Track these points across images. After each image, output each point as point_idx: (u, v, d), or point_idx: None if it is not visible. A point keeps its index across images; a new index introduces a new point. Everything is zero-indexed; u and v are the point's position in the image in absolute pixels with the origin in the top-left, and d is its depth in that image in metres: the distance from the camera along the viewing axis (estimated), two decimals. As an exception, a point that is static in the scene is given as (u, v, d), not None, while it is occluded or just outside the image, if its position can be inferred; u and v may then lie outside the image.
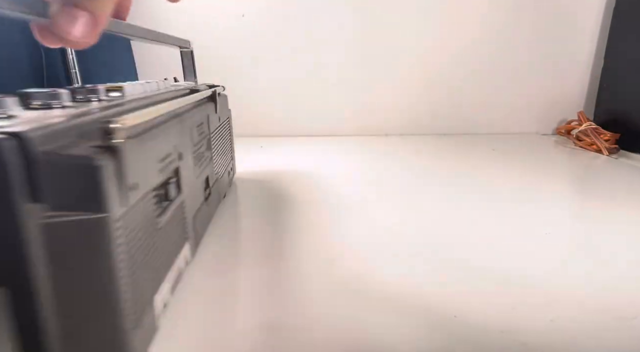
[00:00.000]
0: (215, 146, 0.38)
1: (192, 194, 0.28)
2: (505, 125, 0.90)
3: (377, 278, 0.29)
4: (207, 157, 0.34)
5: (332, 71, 0.86)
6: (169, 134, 0.23)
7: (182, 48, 0.40)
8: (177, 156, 0.24)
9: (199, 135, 0.31)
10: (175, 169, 0.24)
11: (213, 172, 0.37)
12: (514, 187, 0.50)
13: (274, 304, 0.25)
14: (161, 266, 0.22)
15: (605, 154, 0.69)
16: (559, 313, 0.25)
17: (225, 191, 0.44)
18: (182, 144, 0.25)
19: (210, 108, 0.37)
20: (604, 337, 0.23)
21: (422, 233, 0.36)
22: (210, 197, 0.35)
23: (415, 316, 0.25)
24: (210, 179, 0.35)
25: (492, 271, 0.30)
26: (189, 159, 0.27)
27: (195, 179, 0.29)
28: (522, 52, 0.85)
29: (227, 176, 0.45)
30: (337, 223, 0.38)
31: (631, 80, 0.74)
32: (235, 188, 0.48)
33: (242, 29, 0.82)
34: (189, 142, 0.28)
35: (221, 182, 0.41)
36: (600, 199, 0.46)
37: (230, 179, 0.47)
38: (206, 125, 0.34)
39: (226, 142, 0.44)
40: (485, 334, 0.23)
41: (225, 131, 0.44)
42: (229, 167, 0.46)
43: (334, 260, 0.31)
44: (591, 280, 0.29)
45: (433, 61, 0.86)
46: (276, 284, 0.28)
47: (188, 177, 0.26)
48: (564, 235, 0.37)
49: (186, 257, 0.27)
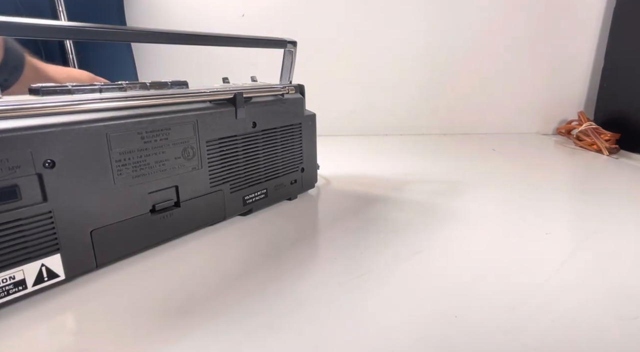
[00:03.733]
0: (234, 153, 0.37)
1: (78, 203, 0.27)
2: (505, 125, 0.90)
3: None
4: (174, 166, 0.33)
5: (332, 71, 0.86)
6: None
7: (286, 48, 0.43)
8: (32, 164, 0.24)
9: (145, 144, 0.30)
10: (36, 175, 0.25)
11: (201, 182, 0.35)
12: (514, 187, 0.50)
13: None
14: None
15: (605, 154, 0.69)
16: (559, 313, 0.25)
17: (287, 197, 0.45)
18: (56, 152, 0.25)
19: (220, 113, 0.36)
20: (604, 337, 0.23)
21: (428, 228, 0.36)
22: (171, 210, 0.33)
23: (415, 315, 0.25)
24: (181, 188, 0.33)
25: (492, 271, 0.30)
26: (79, 169, 0.27)
27: (116, 188, 0.29)
28: (523, 52, 0.85)
29: (290, 184, 0.44)
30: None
31: (631, 80, 0.74)
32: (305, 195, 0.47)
33: (242, 29, 0.82)
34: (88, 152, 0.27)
35: (279, 188, 0.43)
36: (601, 199, 0.46)
37: (300, 186, 0.46)
38: (189, 132, 0.33)
39: (285, 148, 0.43)
40: (485, 334, 0.23)
41: (284, 136, 0.42)
42: (293, 172, 0.44)
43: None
44: (591, 280, 0.29)
45: (433, 61, 0.86)
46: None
47: (69, 187, 0.26)
48: (564, 235, 0.37)
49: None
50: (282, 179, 0.43)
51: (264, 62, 0.81)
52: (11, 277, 0.24)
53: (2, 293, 0.24)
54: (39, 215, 0.25)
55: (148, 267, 0.31)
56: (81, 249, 0.28)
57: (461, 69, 0.86)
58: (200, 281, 0.29)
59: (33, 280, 0.25)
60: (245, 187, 0.39)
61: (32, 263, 0.25)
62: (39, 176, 0.25)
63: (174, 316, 0.24)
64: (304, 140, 0.45)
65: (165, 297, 0.27)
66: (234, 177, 0.38)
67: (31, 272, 0.25)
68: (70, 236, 0.27)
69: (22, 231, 0.25)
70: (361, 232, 0.37)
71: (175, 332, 0.23)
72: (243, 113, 0.37)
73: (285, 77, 0.44)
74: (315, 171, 0.48)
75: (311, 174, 0.47)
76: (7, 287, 0.24)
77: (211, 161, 0.36)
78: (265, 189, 0.41)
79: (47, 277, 0.26)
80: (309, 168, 0.46)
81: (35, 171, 0.25)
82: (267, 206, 0.43)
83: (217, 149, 0.36)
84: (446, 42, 0.85)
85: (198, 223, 0.36)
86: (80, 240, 0.27)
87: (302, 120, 0.44)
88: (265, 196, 0.42)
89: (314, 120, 0.46)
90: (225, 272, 0.30)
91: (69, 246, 0.27)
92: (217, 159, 0.36)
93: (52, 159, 0.25)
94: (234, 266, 0.31)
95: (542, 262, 0.31)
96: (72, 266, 0.27)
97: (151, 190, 0.31)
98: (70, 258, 0.27)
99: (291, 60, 0.44)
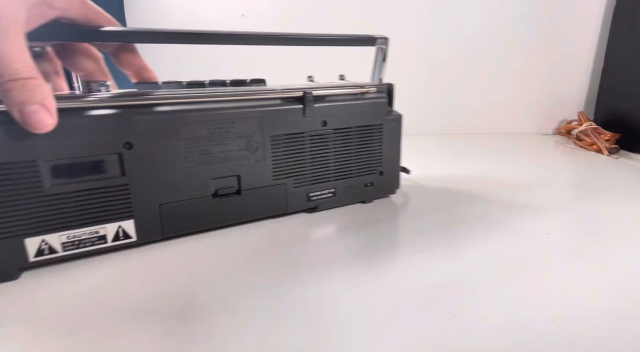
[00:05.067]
0: (300, 149, 0.38)
1: (151, 181, 0.32)
2: (505, 126, 0.90)
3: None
4: (237, 156, 0.35)
5: (332, 71, 0.86)
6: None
7: (378, 46, 0.42)
8: (116, 144, 0.30)
9: (210, 134, 0.34)
10: (117, 154, 0.30)
11: (262, 173, 0.37)
12: (514, 187, 0.50)
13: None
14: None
15: (605, 154, 0.69)
16: (559, 313, 0.25)
17: (360, 199, 0.43)
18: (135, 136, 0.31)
19: (287, 111, 0.37)
20: (604, 337, 0.23)
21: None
22: (231, 197, 0.36)
23: (415, 315, 0.25)
24: (243, 178, 0.36)
25: (492, 271, 0.30)
26: (153, 151, 0.32)
27: (179, 172, 0.33)
28: (523, 52, 0.85)
29: (364, 186, 0.42)
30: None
31: (631, 80, 0.74)
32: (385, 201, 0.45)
33: (242, 29, 0.82)
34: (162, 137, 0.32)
35: (348, 189, 0.41)
36: (601, 199, 0.46)
37: (377, 189, 0.43)
38: (254, 127, 0.35)
39: (361, 149, 0.41)
40: (485, 334, 0.23)
41: (360, 137, 0.41)
42: (368, 175, 0.43)
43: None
44: (591, 280, 0.29)
45: (433, 61, 0.86)
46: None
47: (144, 165, 0.32)
48: (564, 235, 0.37)
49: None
50: (354, 180, 0.42)
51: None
52: (96, 232, 0.31)
53: (88, 243, 0.31)
54: (118, 186, 0.31)
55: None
56: (150, 218, 0.33)
57: (461, 69, 0.86)
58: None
59: (112, 237, 0.32)
60: (310, 184, 0.39)
61: (111, 224, 0.31)
62: (119, 154, 0.30)
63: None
64: (384, 142, 0.42)
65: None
66: (298, 173, 0.38)
67: (111, 230, 0.32)
68: (142, 206, 0.32)
69: (106, 197, 0.31)
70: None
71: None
72: (312, 111, 0.37)
73: (376, 76, 0.43)
74: (397, 176, 0.45)
75: (392, 178, 0.44)
76: (93, 239, 0.31)
77: (275, 155, 0.37)
78: (333, 188, 0.41)
79: (122, 236, 0.32)
80: (389, 172, 0.44)
81: (116, 151, 0.30)
82: (336, 206, 0.42)
83: (282, 144, 0.37)
84: (446, 42, 0.84)
85: (258, 212, 0.38)
86: (150, 211, 0.33)
87: (383, 122, 0.42)
88: (334, 196, 0.41)
89: (398, 122, 0.43)
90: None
91: (140, 215, 0.32)
92: (281, 154, 0.37)
93: (130, 141, 0.30)
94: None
95: (542, 262, 0.31)
96: (142, 231, 0.33)
97: (214, 176, 0.35)
98: (141, 225, 0.33)
99: (382, 58, 0.42)
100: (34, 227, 0.29)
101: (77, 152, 0.29)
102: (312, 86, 0.39)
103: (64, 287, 0.28)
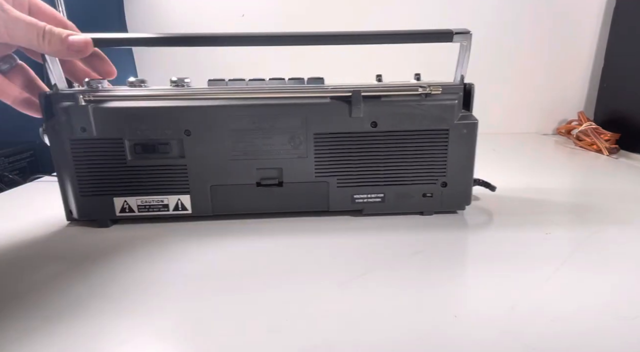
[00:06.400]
0: (345, 149, 0.38)
1: (213, 164, 0.38)
2: (505, 125, 0.90)
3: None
4: (280, 150, 0.38)
5: (332, 71, 0.86)
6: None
7: (455, 41, 0.38)
8: (178, 131, 0.36)
9: (256, 127, 0.37)
10: (178, 139, 0.37)
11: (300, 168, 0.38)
12: (513, 187, 0.50)
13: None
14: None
15: (605, 154, 0.69)
16: (559, 313, 0.25)
17: (416, 210, 0.40)
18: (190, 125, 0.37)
19: (332, 110, 0.37)
20: (604, 337, 0.23)
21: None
22: (273, 188, 0.39)
23: (414, 315, 0.25)
24: (285, 171, 0.38)
25: (492, 271, 0.30)
26: (210, 139, 0.37)
27: (229, 160, 0.38)
28: (523, 52, 0.85)
29: (422, 196, 0.39)
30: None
31: (631, 80, 0.74)
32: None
33: (242, 29, 0.82)
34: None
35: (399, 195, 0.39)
36: (601, 199, 0.46)
37: (437, 201, 0.40)
38: (297, 123, 0.37)
39: (418, 156, 0.38)
40: (485, 334, 0.23)
41: (418, 142, 0.38)
42: (427, 184, 0.39)
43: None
44: (591, 280, 0.29)
45: (433, 61, 0.86)
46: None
47: (203, 149, 0.37)
48: (564, 235, 0.37)
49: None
50: (408, 188, 0.39)
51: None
52: (161, 201, 0.38)
53: (155, 209, 0.38)
54: (178, 165, 0.38)
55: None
56: (203, 196, 0.39)
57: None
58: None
59: (173, 207, 0.39)
60: (355, 186, 0.39)
61: (173, 196, 0.38)
62: (179, 140, 0.37)
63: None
64: (450, 150, 0.38)
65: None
66: (342, 173, 0.39)
67: (172, 201, 0.39)
68: (196, 184, 0.38)
69: (169, 173, 0.38)
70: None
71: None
72: (359, 112, 0.37)
73: (458, 75, 0.39)
74: (467, 190, 0.40)
75: (460, 191, 0.39)
76: (159, 205, 0.38)
77: (318, 153, 0.38)
78: (382, 193, 0.39)
79: (181, 208, 0.39)
80: (456, 184, 0.39)
81: (178, 136, 0.37)
82: (386, 213, 0.40)
83: (326, 142, 0.38)
84: (446, 43, 0.84)
85: (299, 206, 0.40)
86: (203, 190, 0.38)
87: (450, 127, 0.38)
88: (382, 201, 0.39)
89: (472, 129, 0.38)
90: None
91: (195, 191, 0.38)
92: (325, 152, 0.38)
93: (189, 129, 0.37)
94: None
95: (542, 262, 0.31)
96: (196, 206, 0.39)
97: (259, 166, 0.38)
98: (195, 200, 0.39)
99: (465, 55, 0.38)
100: (119, 190, 0.37)
101: (151, 135, 0.36)
102: (368, 86, 0.38)
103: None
